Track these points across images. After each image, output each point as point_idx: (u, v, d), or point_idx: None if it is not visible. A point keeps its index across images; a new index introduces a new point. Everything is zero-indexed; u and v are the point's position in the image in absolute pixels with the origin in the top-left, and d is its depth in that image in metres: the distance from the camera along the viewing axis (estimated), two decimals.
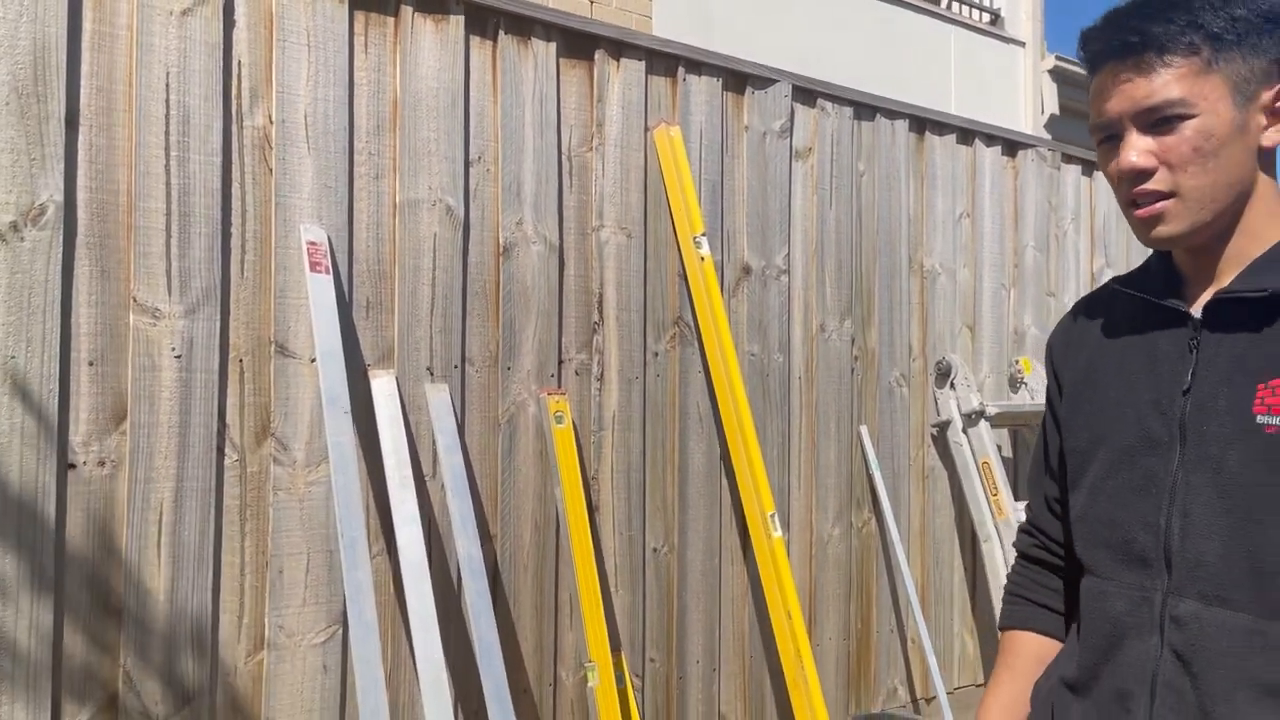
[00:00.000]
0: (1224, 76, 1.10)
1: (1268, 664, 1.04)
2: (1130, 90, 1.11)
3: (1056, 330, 1.39)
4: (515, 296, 2.67)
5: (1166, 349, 1.17)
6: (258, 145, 2.30)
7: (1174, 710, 1.10)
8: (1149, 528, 1.14)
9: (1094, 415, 1.24)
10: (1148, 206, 1.13)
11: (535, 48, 2.72)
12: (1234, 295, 1.11)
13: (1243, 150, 1.11)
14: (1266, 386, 1.07)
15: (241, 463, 2.26)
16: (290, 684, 2.29)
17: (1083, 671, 1.20)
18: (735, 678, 3.08)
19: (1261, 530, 1.06)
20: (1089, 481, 1.23)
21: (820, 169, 3.36)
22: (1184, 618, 1.10)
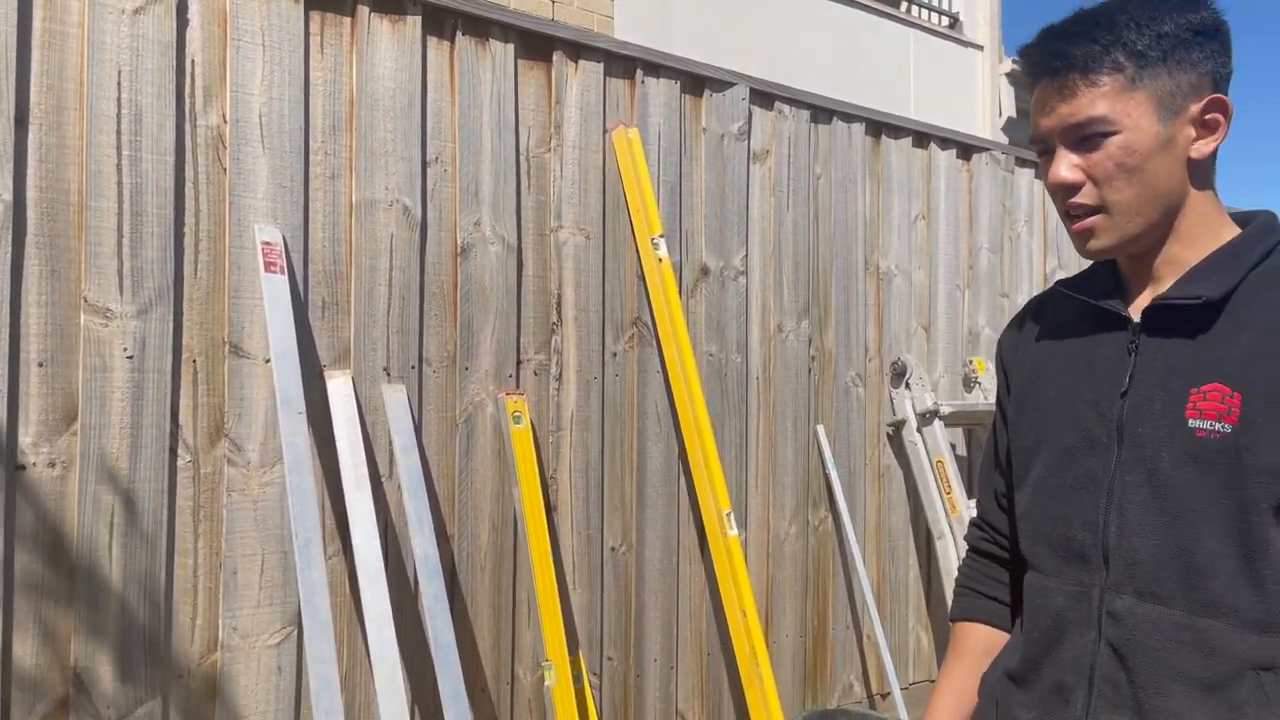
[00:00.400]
0: (1148, 93, 1.12)
1: (1198, 659, 1.08)
2: (1057, 108, 1.15)
3: (1006, 331, 1.42)
4: (473, 297, 2.68)
5: (1107, 352, 1.21)
6: (211, 144, 2.29)
7: (1110, 703, 1.13)
8: (1088, 526, 1.17)
9: (1038, 415, 1.27)
10: (1079, 220, 1.17)
11: (493, 49, 2.72)
12: (1170, 302, 1.15)
13: (1169, 163, 1.14)
14: (1199, 391, 1.10)
15: (195, 464, 2.25)
16: (244, 685, 2.29)
17: (1025, 664, 1.24)
18: (693, 675, 3.11)
19: (1192, 530, 1.09)
20: (1033, 479, 1.26)
21: (778, 171, 3.39)
22: (1120, 613, 1.13)
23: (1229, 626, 1.07)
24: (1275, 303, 1.11)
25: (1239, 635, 1.07)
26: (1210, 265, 1.16)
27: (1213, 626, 1.08)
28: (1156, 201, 1.15)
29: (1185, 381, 1.12)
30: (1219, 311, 1.13)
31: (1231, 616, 1.07)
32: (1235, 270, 1.14)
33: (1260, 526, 1.06)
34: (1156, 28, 1.12)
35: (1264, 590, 1.07)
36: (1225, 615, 1.08)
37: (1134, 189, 1.14)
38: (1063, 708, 1.18)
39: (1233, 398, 1.08)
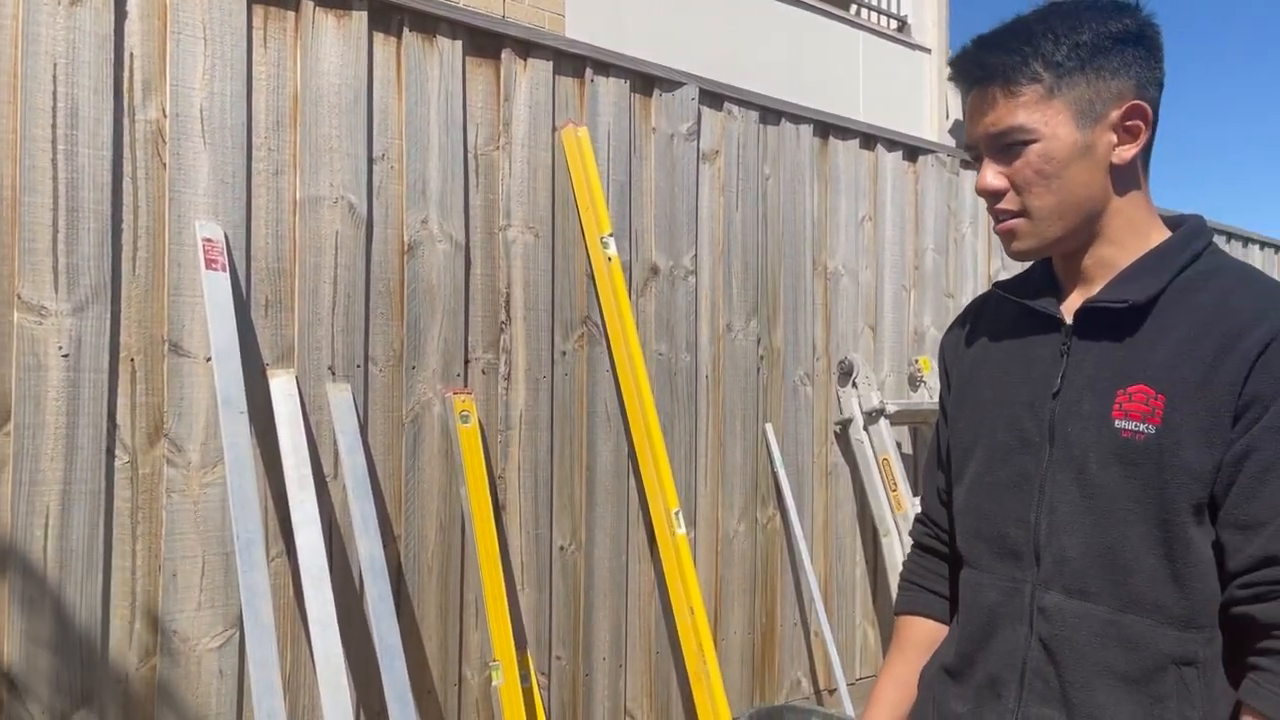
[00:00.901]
0: (1066, 101, 1.15)
1: (1122, 654, 1.11)
2: (980, 118, 1.19)
3: (949, 331, 1.45)
4: (420, 295, 2.66)
5: (1041, 352, 1.23)
6: (151, 139, 2.24)
7: (1040, 697, 1.17)
8: (1020, 523, 1.20)
9: (975, 413, 1.30)
10: (1002, 224, 1.21)
11: (440, 45, 2.70)
12: (1099, 305, 1.18)
13: (1089, 169, 1.17)
14: (1125, 393, 1.13)
15: (133, 464, 2.21)
16: (185, 689, 2.25)
17: (960, 658, 1.26)
18: (641, 674, 3.12)
19: (1117, 528, 1.12)
20: (969, 477, 1.29)
21: (727, 171, 3.41)
22: (1049, 609, 1.16)
23: (1152, 623, 1.10)
24: (1199, 306, 1.14)
25: (1161, 631, 1.10)
26: (1138, 269, 1.18)
27: (1137, 623, 1.11)
28: (1077, 206, 1.18)
29: (1112, 383, 1.14)
30: (1146, 314, 1.15)
31: (1155, 613, 1.10)
32: (1162, 274, 1.16)
33: (1181, 526, 1.09)
34: (1074, 38, 1.15)
35: (1185, 588, 1.09)
36: (1149, 612, 1.11)
37: (1053, 195, 1.17)
38: (995, 701, 1.21)
39: (1157, 399, 1.11)
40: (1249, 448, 1.07)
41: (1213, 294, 1.15)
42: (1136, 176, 1.20)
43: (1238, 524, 1.08)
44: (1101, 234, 1.20)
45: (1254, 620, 1.07)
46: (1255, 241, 6.47)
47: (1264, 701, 1.05)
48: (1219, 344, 1.10)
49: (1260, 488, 1.07)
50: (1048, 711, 1.16)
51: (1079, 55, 1.15)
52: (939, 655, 1.34)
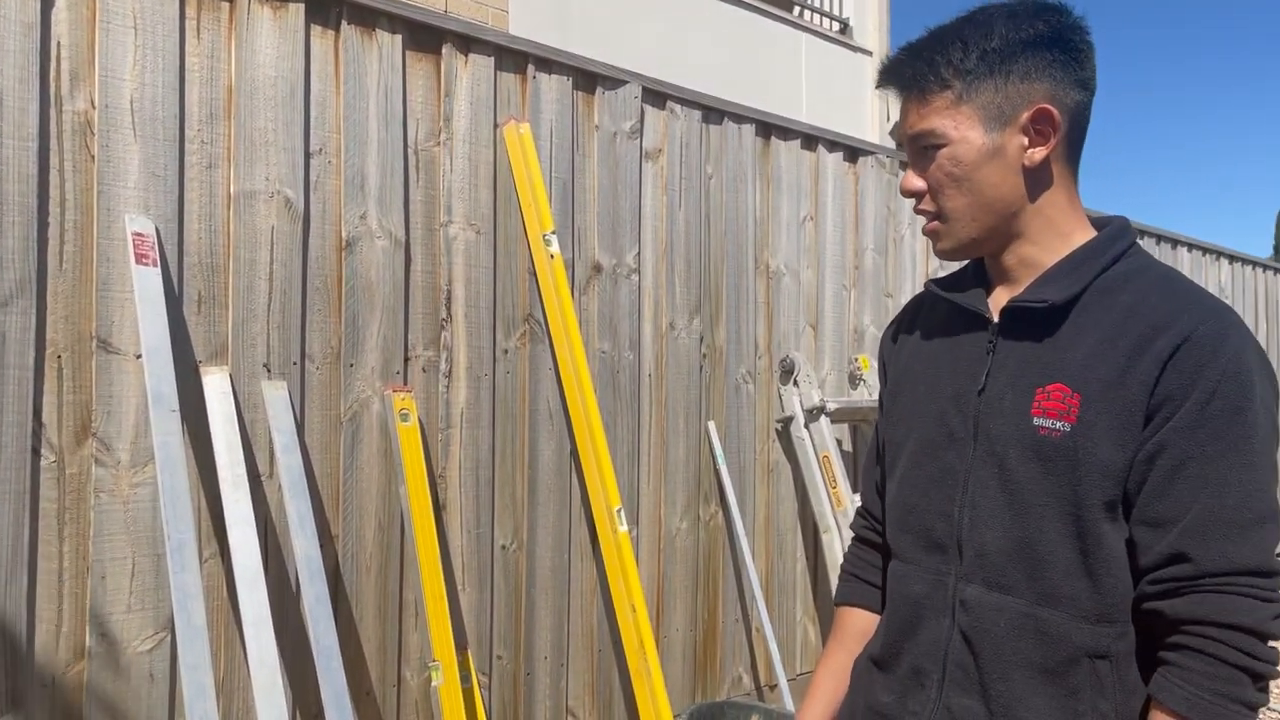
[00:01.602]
0: (975, 107, 1.19)
1: (1038, 646, 1.15)
2: (903, 123, 1.26)
3: (888, 328, 1.49)
4: (359, 292, 2.62)
5: (969, 350, 1.27)
6: (79, 130, 2.19)
7: (960, 687, 1.20)
8: (944, 517, 1.24)
9: (908, 409, 1.34)
10: (926, 225, 1.28)
11: (380, 39, 2.67)
12: (1021, 304, 1.21)
13: (1000, 171, 1.20)
14: (1043, 391, 1.16)
15: (60, 464, 2.15)
16: (114, 694, 2.20)
17: (887, 649, 1.30)
18: (583, 673, 3.11)
19: (1034, 523, 1.16)
20: (900, 471, 1.33)
21: (670, 170, 3.42)
22: (970, 602, 1.20)
23: (1067, 616, 1.14)
24: (1117, 307, 1.17)
25: (1075, 625, 1.13)
26: (1060, 270, 1.21)
27: (1052, 616, 1.14)
28: (989, 208, 1.21)
29: (1032, 381, 1.18)
30: (1066, 314, 1.19)
31: (1069, 607, 1.14)
32: (1083, 275, 1.19)
33: (1095, 522, 1.13)
34: (984, 44, 1.19)
35: (1098, 583, 1.13)
36: (1063, 605, 1.14)
37: (965, 197, 1.21)
38: (919, 691, 1.24)
39: (1073, 398, 1.14)
40: (1160, 446, 1.10)
41: (1132, 295, 1.17)
42: (1054, 177, 1.22)
43: (1149, 521, 1.11)
44: (1022, 234, 1.23)
45: (1163, 616, 1.10)
46: (1183, 244, 6.65)
47: (1173, 697, 1.08)
48: (1134, 345, 1.12)
49: (1170, 486, 1.10)
50: (967, 701, 1.19)
51: (987, 62, 1.19)
52: (869, 646, 1.37)
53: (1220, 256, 7.03)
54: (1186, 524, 1.08)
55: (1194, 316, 1.12)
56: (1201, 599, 1.07)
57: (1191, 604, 1.07)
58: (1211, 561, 1.07)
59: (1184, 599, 1.08)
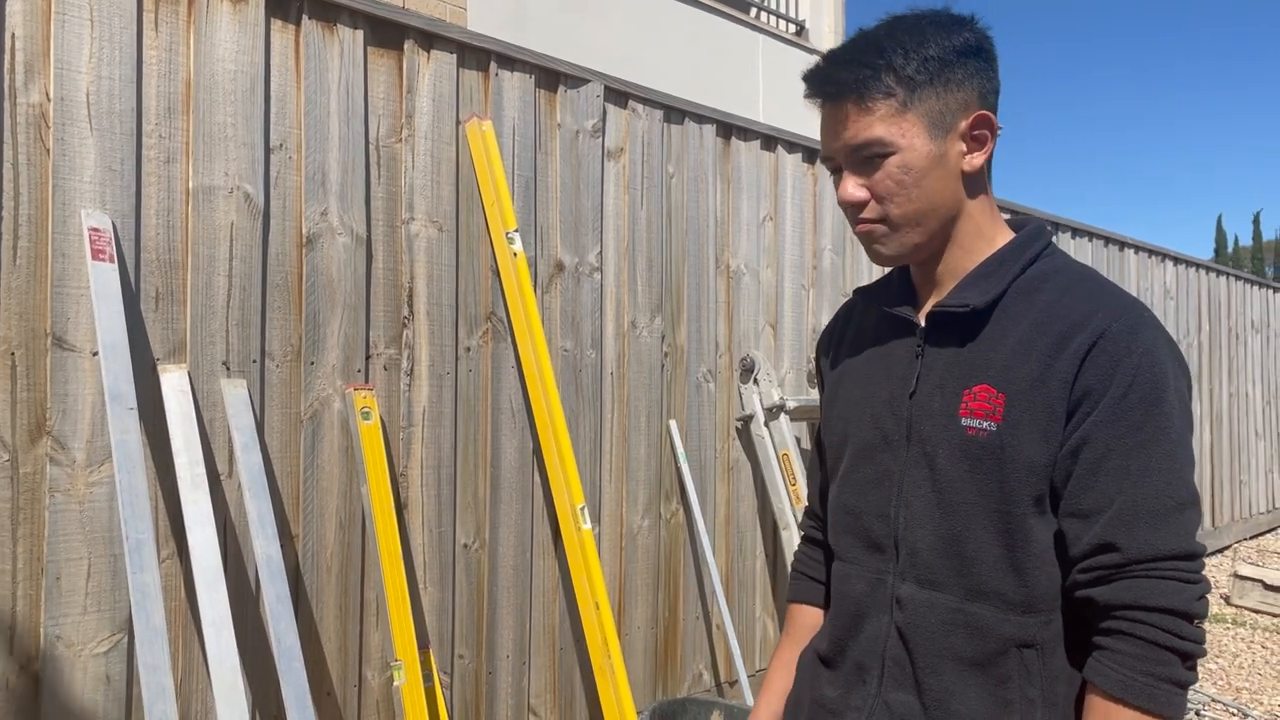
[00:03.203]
0: (919, 114, 1.20)
1: (968, 639, 1.19)
2: (839, 132, 1.22)
3: (823, 335, 1.52)
4: (319, 289, 2.60)
5: (899, 355, 1.31)
6: (33, 124, 2.14)
7: (897, 681, 1.24)
8: (882, 518, 1.28)
9: (844, 413, 1.37)
10: (865, 228, 1.25)
11: (341, 34, 2.65)
12: (944, 309, 1.25)
13: (943, 177, 1.23)
14: (970, 392, 1.20)
15: (13, 463, 2.11)
16: (70, 696, 2.16)
17: (833, 646, 1.34)
18: (545, 670, 3.11)
19: (963, 521, 1.20)
20: (840, 474, 1.36)
21: (631, 169, 3.43)
22: (905, 599, 1.24)
23: (995, 610, 1.18)
24: (1036, 307, 1.21)
25: (1003, 617, 1.17)
26: (979, 273, 1.26)
27: (981, 610, 1.18)
28: (934, 213, 1.24)
29: (959, 383, 1.22)
30: (988, 317, 1.23)
31: (997, 600, 1.18)
32: (1002, 278, 1.24)
33: (1022, 518, 1.17)
34: (923, 52, 1.20)
35: (1025, 576, 1.17)
36: (992, 599, 1.18)
37: (913, 204, 1.22)
38: (861, 686, 1.28)
39: (998, 398, 1.18)
40: (1083, 440, 1.14)
41: (1049, 295, 1.21)
42: (983, 183, 1.27)
43: (1076, 513, 1.15)
44: (953, 240, 1.27)
45: (1094, 602, 1.13)
46: (1130, 246, 6.80)
47: (1107, 680, 1.11)
48: (1053, 344, 1.16)
49: (1094, 479, 1.13)
50: (903, 696, 1.23)
51: (928, 69, 1.20)
52: (814, 642, 1.41)
53: (1165, 259, 7.19)
54: (1112, 514, 1.12)
55: (1108, 313, 1.16)
56: (1129, 585, 1.10)
57: (1120, 590, 1.11)
58: (1137, 549, 1.10)
59: (1112, 585, 1.12)
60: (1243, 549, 7.88)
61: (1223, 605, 6.19)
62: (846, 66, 1.21)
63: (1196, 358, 7.54)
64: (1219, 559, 7.51)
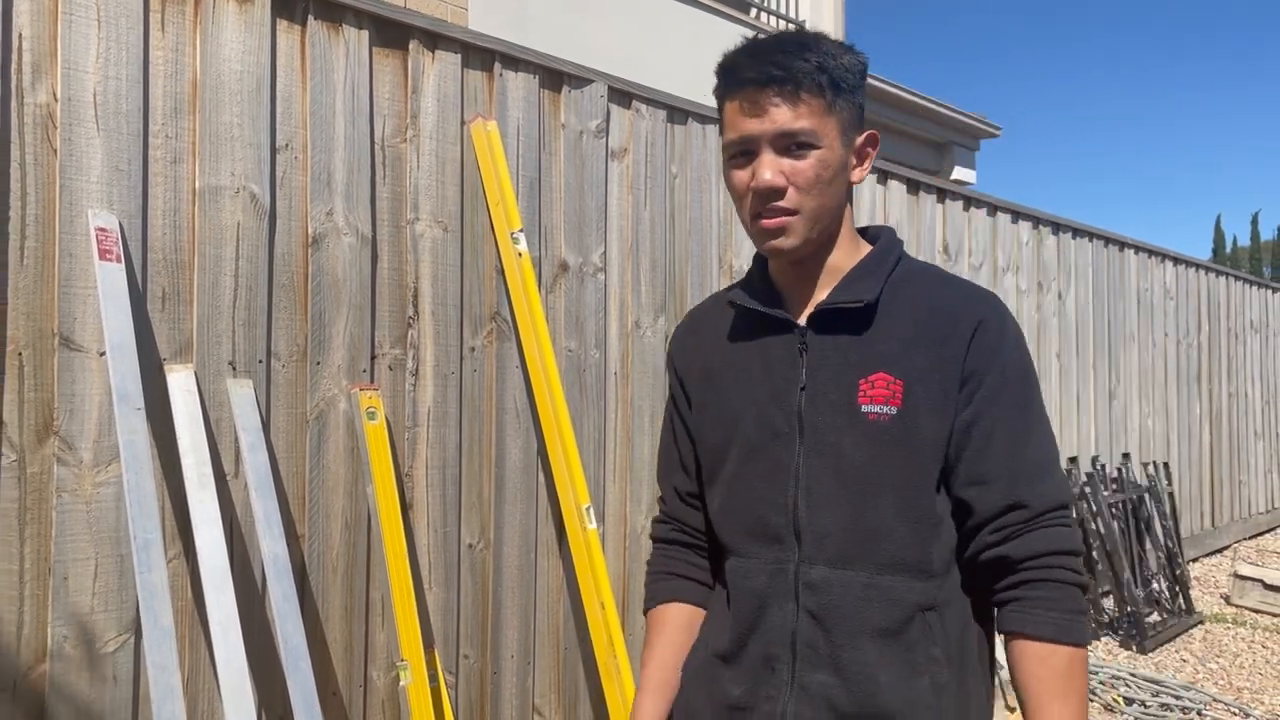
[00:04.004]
0: (838, 119, 1.28)
1: (881, 611, 1.27)
2: (774, 115, 1.26)
3: (675, 339, 1.55)
4: (325, 289, 2.60)
5: (779, 353, 1.36)
6: (40, 124, 2.14)
7: (811, 663, 1.28)
8: (780, 509, 1.32)
9: (722, 416, 1.40)
10: (774, 219, 1.29)
11: (346, 35, 2.65)
12: (836, 306, 1.32)
13: (843, 182, 1.32)
14: (866, 380, 1.29)
15: (21, 463, 2.11)
16: (77, 696, 2.16)
17: (733, 643, 1.36)
18: (550, 670, 3.12)
19: (871, 502, 1.27)
20: (726, 474, 1.39)
21: (635, 169, 3.43)
22: (815, 582, 1.29)
23: (904, 579, 1.27)
24: (914, 302, 1.32)
25: (910, 585, 1.27)
26: (861, 272, 1.35)
27: (892, 582, 1.27)
28: (831, 214, 1.32)
29: (855, 374, 1.30)
30: (874, 312, 1.32)
31: (905, 571, 1.27)
32: (880, 276, 1.34)
33: (925, 492, 1.27)
34: (841, 60, 1.28)
35: (928, 545, 1.27)
36: (900, 571, 1.27)
37: (823, 199, 1.29)
38: (770, 676, 1.31)
39: (896, 384, 1.28)
40: (974, 416, 1.27)
41: (921, 290, 1.34)
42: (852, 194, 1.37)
43: (976, 480, 1.27)
44: (831, 242, 1.36)
45: (1007, 558, 1.26)
46: (1130, 246, 6.81)
47: (1041, 626, 1.23)
48: (941, 333, 1.29)
49: (989, 447, 1.27)
50: (820, 676, 1.27)
51: (848, 79, 1.29)
52: (707, 645, 1.42)
53: (1165, 259, 7.20)
54: (1011, 476, 1.26)
55: (981, 305, 1.31)
56: (1039, 535, 1.25)
57: (1032, 542, 1.25)
58: (1040, 503, 1.25)
59: (1024, 539, 1.25)
60: (1242, 549, 7.90)
61: (1223, 605, 6.20)
62: (787, 56, 1.25)
63: (1196, 358, 7.56)
64: (1218, 559, 7.52)
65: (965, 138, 11.46)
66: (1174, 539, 6.03)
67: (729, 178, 1.33)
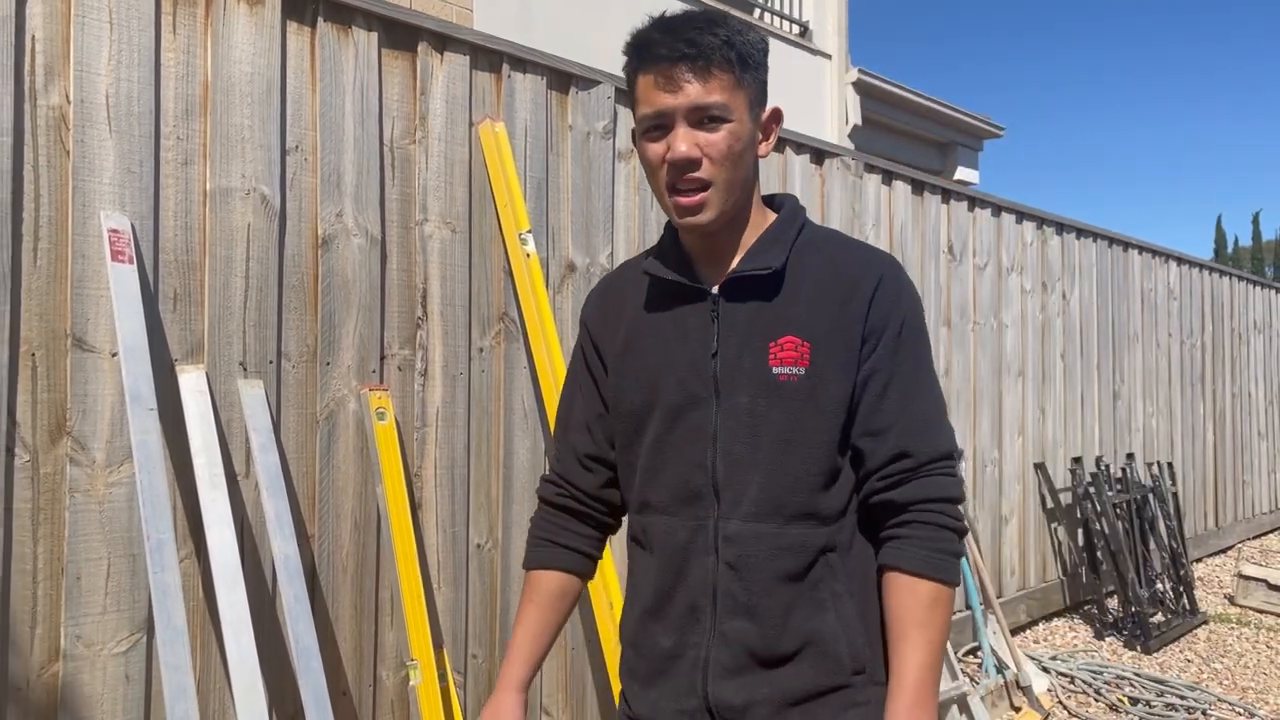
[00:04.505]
0: (746, 94, 1.33)
1: (790, 558, 1.34)
2: (688, 89, 1.30)
3: (589, 304, 1.59)
4: (335, 290, 2.61)
5: (693, 320, 1.41)
6: (54, 126, 2.16)
7: (730, 611, 1.36)
8: (699, 469, 1.38)
9: (640, 380, 1.44)
10: (690, 195, 1.34)
11: (356, 37, 2.66)
12: (745, 274, 1.38)
13: (752, 156, 1.38)
14: (776, 344, 1.35)
15: (34, 464, 2.12)
16: (90, 696, 2.17)
17: (659, 596, 1.42)
18: (557, 670, 3.12)
19: (782, 460, 1.34)
20: (649, 438, 1.43)
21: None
22: (733, 535, 1.36)
23: (810, 527, 1.35)
24: (818, 266, 1.39)
25: (815, 531, 1.35)
26: (768, 241, 1.41)
27: (800, 530, 1.34)
28: (743, 187, 1.38)
29: (764, 338, 1.35)
30: (781, 278, 1.38)
31: (811, 520, 1.35)
32: (785, 245, 1.40)
33: (831, 445, 1.35)
34: (747, 37, 1.33)
35: (831, 494, 1.36)
36: (807, 520, 1.35)
37: (735, 172, 1.34)
38: (695, 625, 1.38)
39: (803, 346, 1.34)
40: (872, 370, 1.36)
41: (824, 257, 1.40)
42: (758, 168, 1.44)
43: (870, 431, 1.36)
44: (740, 214, 1.41)
45: (893, 503, 1.35)
46: (1134, 246, 6.81)
47: (911, 560, 1.33)
48: (843, 294, 1.36)
49: (882, 401, 1.35)
50: (737, 622, 1.35)
51: (754, 56, 1.34)
52: (636, 604, 1.48)
53: (1169, 259, 7.21)
54: (901, 427, 1.35)
55: (879, 265, 1.39)
56: (923, 483, 1.34)
57: (916, 488, 1.34)
58: (925, 453, 1.35)
59: (909, 486, 1.34)
60: (1246, 549, 7.90)
61: (1227, 605, 6.21)
62: (700, 31, 1.29)
63: (1200, 358, 7.56)
64: (1222, 559, 7.53)
65: (969, 138, 11.46)
66: (1178, 539, 6.03)
67: (643, 151, 1.36)
